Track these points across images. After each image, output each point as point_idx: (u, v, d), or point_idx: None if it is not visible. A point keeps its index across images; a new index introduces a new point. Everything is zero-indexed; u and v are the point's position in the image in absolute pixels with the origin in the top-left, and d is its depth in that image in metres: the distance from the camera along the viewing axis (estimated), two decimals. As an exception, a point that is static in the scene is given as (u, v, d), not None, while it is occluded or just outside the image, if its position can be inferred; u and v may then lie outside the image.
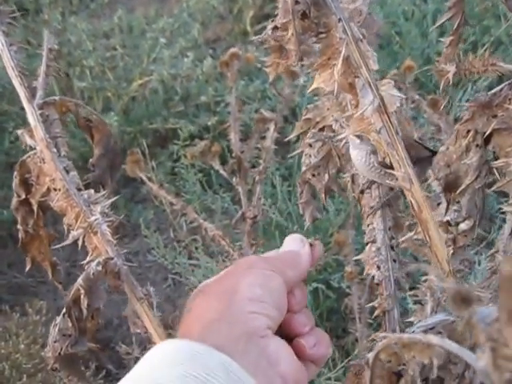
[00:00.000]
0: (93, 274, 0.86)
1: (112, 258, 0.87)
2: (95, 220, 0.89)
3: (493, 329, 0.42)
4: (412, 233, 0.84)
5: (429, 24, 2.93)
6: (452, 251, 0.86)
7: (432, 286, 1.06)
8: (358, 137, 0.88)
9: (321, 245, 0.74)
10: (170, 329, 0.96)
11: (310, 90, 0.72)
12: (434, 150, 0.99)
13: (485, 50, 0.89)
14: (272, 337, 0.62)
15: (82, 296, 0.85)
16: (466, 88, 2.53)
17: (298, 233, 2.12)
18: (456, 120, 1.56)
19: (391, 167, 0.72)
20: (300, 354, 0.66)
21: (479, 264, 1.91)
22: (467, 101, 2.52)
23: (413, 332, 0.77)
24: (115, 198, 0.93)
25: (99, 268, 0.85)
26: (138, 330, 0.89)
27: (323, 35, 0.66)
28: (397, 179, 0.70)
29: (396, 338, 0.52)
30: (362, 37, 0.65)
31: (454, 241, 0.92)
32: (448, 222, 0.92)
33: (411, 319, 1.04)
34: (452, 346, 0.49)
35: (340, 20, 0.64)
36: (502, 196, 0.94)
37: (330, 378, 1.93)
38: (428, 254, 1.02)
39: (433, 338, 0.51)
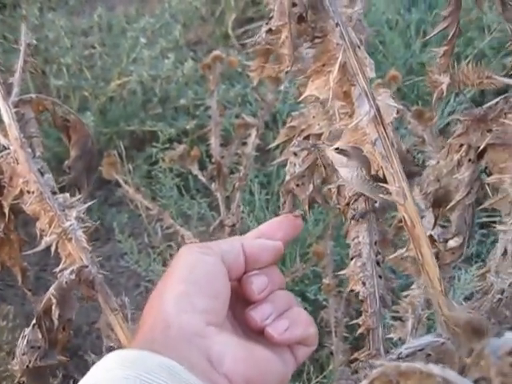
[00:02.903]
0: (66, 282, 0.81)
1: (86, 266, 0.83)
2: (70, 226, 0.84)
3: (504, 362, 0.38)
4: (403, 250, 0.81)
5: (412, 34, 2.91)
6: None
7: (413, 302, 1.04)
8: (343, 153, 0.86)
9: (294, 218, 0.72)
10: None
11: (302, 97, 0.68)
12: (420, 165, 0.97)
13: (468, 62, 0.86)
14: (216, 334, 0.58)
15: (53, 306, 0.81)
16: (448, 99, 2.52)
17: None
18: (440, 132, 1.54)
19: (384, 181, 0.69)
20: (272, 343, 0.62)
21: (459, 279, 1.89)
22: (451, 112, 2.51)
23: (400, 353, 0.74)
24: (91, 202, 0.89)
25: (72, 277, 0.81)
26: (112, 344, 0.85)
27: (319, 40, 0.63)
28: (390, 193, 0.67)
29: (393, 366, 0.48)
30: (359, 43, 0.62)
31: (437, 256, 0.89)
32: (431, 236, 0.89)
33: (391, 336, 1.02)
34: (456, 378, 0.46)
35: (337, 25, 0.60)
36: (483, 211, 0.91)
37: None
38: (409, 268, 1.00)
39: (433, 368, 0.47)
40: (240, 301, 0.65)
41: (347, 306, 1.74)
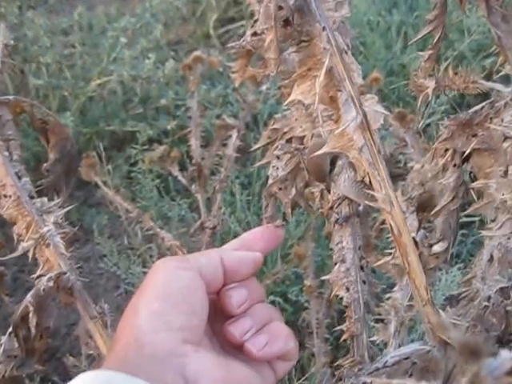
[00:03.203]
0: (43, 289, 0.79)
1: (65, 273, 0.81)
2: (48, 231, 0.82)
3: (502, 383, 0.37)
4: (389, 257, 0.80)
5: (393, 35, 2.91)
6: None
7: (396, 304, 1.03)
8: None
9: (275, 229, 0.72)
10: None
11: (286, 101, 0.67)
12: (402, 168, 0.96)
13: (448, 64, 0.86)
14: (193, 353, 0.56)
15: (30, 314, 0.79)
16: (428, 101, 2.51)
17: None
18: (420, 134, 1.53)
19: (370, 187, 0.68)
20: (251, 358, 0.61)
21: (439, 280, 1.89)
22: (431, 114, 2.50)
23: (386, 362, 0.73)
24: (69, 207, 0.87)
25: (50, 283, 0.79)
26: (91, 351, 0.83)
27: (305, 44, 0.61)
28: (376, 200, 0.66)
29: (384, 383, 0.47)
30: (346, 48, 0.61)
31: (420, 260, 0.88)
32: (414, 239, 0.88)
33: (373, 338, 1.01)
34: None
35: (324, 29, 0.59)
36: (462, 209, 0.91)
37: (286, 395, 1.89)
38: (391, 270, 0.99)
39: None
40: (218, 314, 0.63)
41: (328, 307, 1.73)
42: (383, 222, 1.00)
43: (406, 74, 2.78)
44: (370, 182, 0.65)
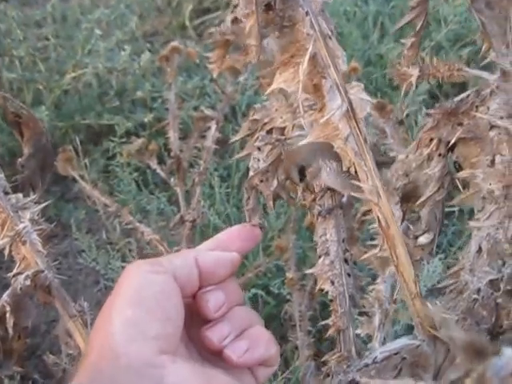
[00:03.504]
0: (20, 288, 0.77)
1: (42, 271, 0.78)
2: (24, 228, 0.80)
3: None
4: (376, 250, 0.78)
5: (370, 25, 2.90)
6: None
7: (380, 297, 1.01)
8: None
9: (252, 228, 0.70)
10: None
11: (268, 90, 0.64)
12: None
13: (426, 54, 0.84)
14: (170, 363, 0.53)
15: (7, 314, 0.76)
16: (408, 91, 2.50)
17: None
18: (399, 123, 1.52)
19: (355, 178, 0.66)
20: (231, 365, 0.58)
21: (421, 271, 1.88)
22: (409, 103, 2.49)
23: (375, 358, 0.71)
24: (45, 203, 0.84)
25: (28, 282, 0.77)
26: (71, 351, 0.81)
27: (287, 29, 0.59)
28: (363, 191, 0.64)
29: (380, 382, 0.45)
30: (330, 33, 0.59)
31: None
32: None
33: (358, 331, 0.99)
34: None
35: (308, 13, 0.57)
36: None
37: (270, 390, 1.87)
38: (373, 261, 0.98)
39: None
40: (195, 319, 0.60)
41: (311, 299, 1.72)
42: (365, 213, 0.98)
43: (383, 64, 2.77)
44: (356, 172, 0.63)
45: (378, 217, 0.64)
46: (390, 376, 0.70)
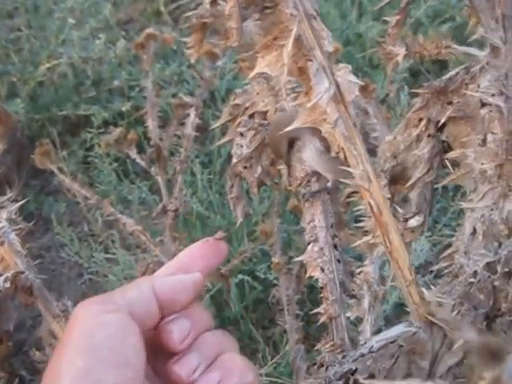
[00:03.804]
0: (0, 291, 0.74)
1: (23, 272, 0.75)
2: (1, 228, 0.77)
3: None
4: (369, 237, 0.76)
5: (348, 5, 2.87)
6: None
7: (368, 279, 0.99)
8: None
9: (215, 243, 0.61)
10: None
11: (252, 74, 0.61)
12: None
13: (406, 31, 0.82)
14: None
15: (-13, 318, 0.73)
16: (386, 70, 2.48)
17: (220, 223, 2.01)
18: (380, 103, 1.50)
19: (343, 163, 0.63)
20: None
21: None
22: (390, 83, 2.48)
23: (371, 347, 0.69)
24: (23, 201, 0.81)
25: (7, 284, 0.73)
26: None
27: (269, 10, 0.56)
28: (353, 177, 0.61)
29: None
30: (315, 13, 0.56)
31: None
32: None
33: (348, 315, 0.97)
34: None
35: (290, -7, 0.54)
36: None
37: (261, 375, 1.86)
38: (361, 244, 0.95)
39: None
40: (160, 352, 0.54)
41: (298, 283, 1.71)
42: (349, 195, 0.96)
43: (362, 43, 2.75)
44: (346, 157, 0.60)
45: (369, 203, 0.61)
46: (387, 365, 0.68)
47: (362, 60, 2.66)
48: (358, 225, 0.88)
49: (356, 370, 0.67)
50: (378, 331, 0.92)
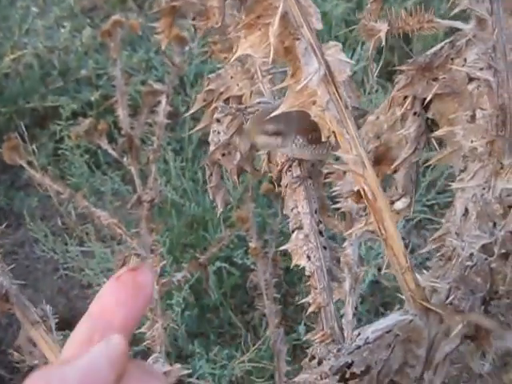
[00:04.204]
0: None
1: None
2: (-28, 229, 0.73)
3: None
4: (362, 224, 0.73)
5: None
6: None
7: (348, 261, 0.97)
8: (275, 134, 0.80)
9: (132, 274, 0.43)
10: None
11: (234, 57, 0.58)
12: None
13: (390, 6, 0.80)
14: None
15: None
16: (354, 47, 2.47)
17: (195, 210, 1.96)
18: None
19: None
20: None
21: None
22: (358, 60, 2.45)
23: (367, 338, 0.66)
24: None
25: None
26: (36, 361, 0.74)
27: (252, -12, 0.53)
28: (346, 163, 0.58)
29: None
30: (300, -11, 0.52)
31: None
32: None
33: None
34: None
35: (274, -32, 0.51)
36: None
37: (243, 362, 1.85)
38: (338, 225, 0.93)
39: None
40: None
41: (274, 266, 1.69)
42: (326, 176, 0.92)
43: (328, 21, 2.71)
44: (337, 141, 0.57)
45: (363, 189, 0.58)
46: (384, 356, 0.66)
47: (328, 38, 2.63)
48: (337, 206, 0.86)
49: (352, 362, 0.64)
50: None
